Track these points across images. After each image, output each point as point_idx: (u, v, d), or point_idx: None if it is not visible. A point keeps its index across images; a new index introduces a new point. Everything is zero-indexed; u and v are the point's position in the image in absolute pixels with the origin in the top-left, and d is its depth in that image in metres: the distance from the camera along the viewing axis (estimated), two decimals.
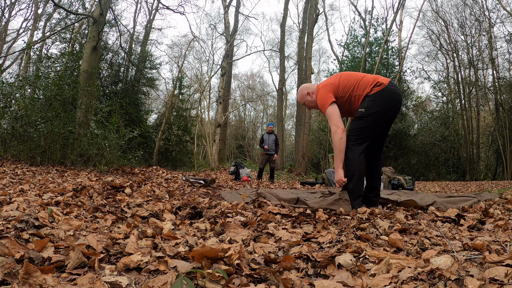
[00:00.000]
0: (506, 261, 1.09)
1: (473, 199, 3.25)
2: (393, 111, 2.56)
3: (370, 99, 2.47)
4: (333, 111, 2.51)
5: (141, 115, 16.16)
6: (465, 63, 23.25)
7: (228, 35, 16.43)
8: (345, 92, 2.55)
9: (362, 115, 2.48)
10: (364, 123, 2.48)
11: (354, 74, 2.61)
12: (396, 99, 2.53)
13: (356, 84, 2.55)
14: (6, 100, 7.03)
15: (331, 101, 2.52)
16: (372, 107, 2.46)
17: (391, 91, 2.50)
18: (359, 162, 2.46)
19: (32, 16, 19.23)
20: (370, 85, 2.51)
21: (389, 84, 2.51)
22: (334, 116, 2.50)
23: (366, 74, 2.61)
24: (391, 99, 2.50)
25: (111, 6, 10.80)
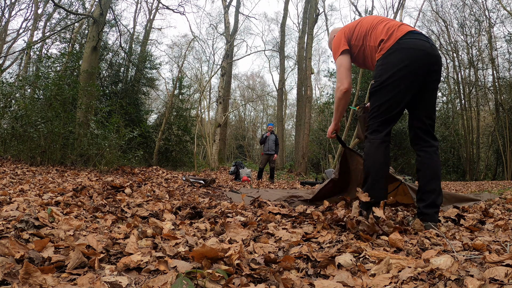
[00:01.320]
0: (506, 261, 1.09)
1: (472, 201, 3.25)
2: (420, 72, 1.86)
3: (378, 63, 1.94)
4: (341, 63, 2.11)
5: (141, 115, 16.16)
6: (465, 63, 23.26)
7: (228, 35, 16.44)
8: (359, 40, 2.07)
9: (374, 89, 1.94)
10: (378, 100, 1.92)
11: (372, 18, 2.09)
12: (420, 56, 1.85)
13: (370, 31, 2.03)
14: (6, 100, 7.02)
15: (343, 49, 2.10)
16: (383, 74, 1.89)
17: (408, 46, 1.86)
18: (376, 157, 1.90)
19: (32, 16, 19.24)
20: (380, 38, 1.96)
21: (404, 37, 1.88)
22: (341, 70, 2.10)
23: (388, 20, 2.04)
24: (410, 56, 1.85)
25: (111, 6, 10.80)
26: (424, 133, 1.96)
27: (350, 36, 2.11)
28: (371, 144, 1.92)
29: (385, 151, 1.91)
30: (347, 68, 2.10)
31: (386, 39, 1.92)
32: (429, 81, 1.92)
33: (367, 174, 1.92)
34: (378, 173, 1.89)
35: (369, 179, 1.90)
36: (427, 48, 1.87)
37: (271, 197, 3.40)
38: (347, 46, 2.11)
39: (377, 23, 2.03)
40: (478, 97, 22.80)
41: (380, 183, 1.90)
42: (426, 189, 1.88)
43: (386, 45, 1.91)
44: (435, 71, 1.91)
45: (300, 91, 18.12)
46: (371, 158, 1.91)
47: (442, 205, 2.49)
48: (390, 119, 1.93)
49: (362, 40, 2.06)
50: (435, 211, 1.83)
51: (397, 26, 1.96)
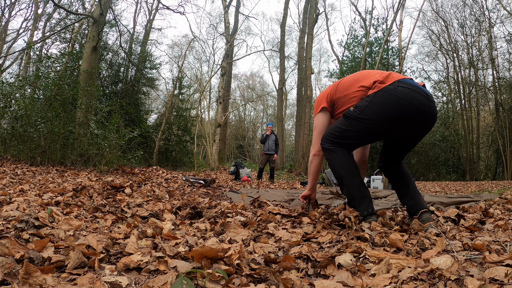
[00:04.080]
0: (506, 261, 1.09)
1: (471, 201, 3.25)
2: (403, 124, 1.77)
3: (366, 99, 1.82)
4: (316, 125, 2.05)
5: (141, 115, 16.17)
6: (465, 63, 23.26)
7: (228, 35, 16.44)
8: (345, 90, 1.96)
9: (349, 114, 1.86)
10: (348, 126, 1.86)
11: (367, 71, 1.99)
12: (406, 109, 1.72)
13: (362, 78, 1.93)
14: (6, 100, 7.02)
15: (322, 106, 2.04)
16: (364, 111, 1.80)
17: (396, 95, 1.74)
18: (343, 161, 1.88)
19: (32, 16, 19.24)
20: (375, 79, 1.87)
21: (395, 85, 1.77)
22: (314, 133, 2.05)
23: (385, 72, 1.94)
24: (394, 107, 1.73)
25: (111, 6, 10.80)
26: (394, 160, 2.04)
27: (333, 92, 2.03)
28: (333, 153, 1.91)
29: (347, 154, 1.91)
30: (320, 132, 2.02)
31: (381, 80, 1.84)
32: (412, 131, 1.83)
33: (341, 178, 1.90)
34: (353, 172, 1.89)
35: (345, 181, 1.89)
36: (423, 104, 1.74)
37: (271, 197, 3.40)
38: (327, 104, 2.04)
39: (371, 72, 1.96)
40: (478, 97, 22.81)
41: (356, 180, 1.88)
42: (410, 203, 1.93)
43: (382, 84, 1.81)
44: (427, 127, 1.82)
45: (300, 91, 18.13)
46: (339, 163, 1.90)
47: (443, 208, 2.49)
48: (347, 146, 1.92)
49: (345, 90, 1.96)
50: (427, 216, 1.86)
51: (394, 72, 1.90)
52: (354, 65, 20.35)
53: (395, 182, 2.00)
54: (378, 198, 3.74)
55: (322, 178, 7.95)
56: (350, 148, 1.94)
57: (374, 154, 18.92)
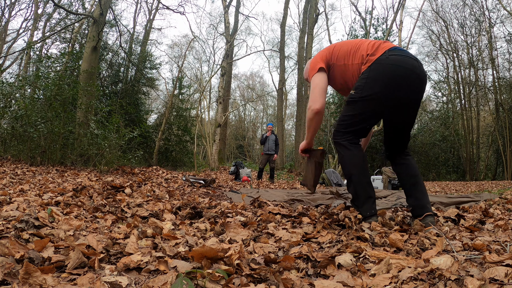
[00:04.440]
0: (506, 261, 1.09)
1: (471, 201, 3.25)
2: (401, 91, 1.81)
3: (362, 76, 1.86)
4: (317, 83, 1.98)
5: (141, 115, 16.17)
6: (465, 63, 23.27)
7: (228, 35, 16.44)
8: (340, 59, 1.98)
9: (352, 98, 1.88)
10: (354, 110, 1.88)
11: (357, 40, 2.00)
12: (402, 74, 1.79)
13: (354, 49, 1.94)
14: (6, 100, 7.02)
15: (320, 66, 1.99)
16: (364, 88, 1.83)
17: (390, 64, 1.80)
18: (354, 158, 1.88)
19: (32, 16, 19.24)
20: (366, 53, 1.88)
21: (386, 54, 1.82)
22: (316, 90, 1.97)
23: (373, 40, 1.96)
24: (391, 75, 1.79)
25: (111, 6, 10.80)
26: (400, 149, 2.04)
27: (329, 56, 2.02)
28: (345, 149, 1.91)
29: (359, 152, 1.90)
30: (323, 88, 1.97)
31: (372, 53, 1.87)
32: (411, 98, 1.88)
33: (349, 175, 1.89)
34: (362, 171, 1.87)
35: (353, 178, 1.87)
36: (415, 67, 1.83)
37: (271, 197, 3.40)
38: (325, 65, 2.01)
39: (362, 43, 1.97)
40: (478, 97, 22.81)
41: (364, 179, 1.87)
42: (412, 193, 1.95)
43: (373, 57, 1.85)
44: (414, 88, 1.86)
45: (300, 91, 18.12)
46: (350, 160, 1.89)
47: (443, 208, 2.49)
48: (361, 130, 1.92)
49: (343, 59, 1.97)
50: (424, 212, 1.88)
51: (382, 42, 1.92)
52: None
53: (403, 178, 1.99)
54: (378, 198, 3.74)
55: (322, 178, 7.95)
56: (362, 134, 1.94)
57: (374, 154, 18.93)
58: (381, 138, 18.21)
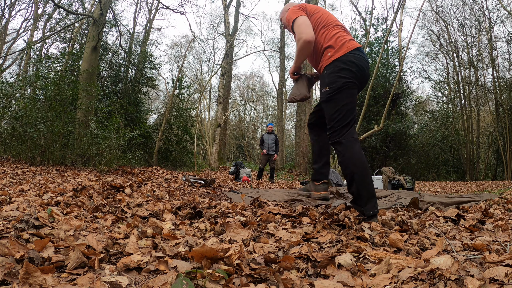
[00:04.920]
0: (506, 261, 1.09)
1: (471, 201, 3.25)
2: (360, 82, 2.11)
3: (330, 71, 2.06)
4: (302, 21, 2.12)
5: (141, 115, 16.17)
6: (465, 63, 23.27)
7: (228, 35, 16.43)
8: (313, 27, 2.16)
9: (329, 96, 2.04)
10: (338, 103, 2.02)
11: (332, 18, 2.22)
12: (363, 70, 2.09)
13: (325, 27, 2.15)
14: (6, 100, 7.02)
15: (302, 14, 2.17)
16: (337, 80, 2.02)
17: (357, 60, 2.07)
18: (355, 157, 1.94)
19: (32, 16, 19.24)
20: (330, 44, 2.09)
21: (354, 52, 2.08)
22: (302, 26, 2.10)
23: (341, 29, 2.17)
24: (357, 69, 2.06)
25: (111, 6, 10.80)
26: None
27: (309, 16, 2.20)
28: (345, 147, 1.98)
29: (360, 150, 1.98)
30: (309, 25, 2.12)
31: (337, 48, 2.07)
32: (362, 87, 2.17)
33: (351, 175, 1.94)
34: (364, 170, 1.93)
35: (356, 177, 1.92)
36: (366, 67, 2.11)
37: (271, 197, 3.40)
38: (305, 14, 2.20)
39: (333, 26, 2.16)
40: (478, 97, 22.82)
41: (366, 178, 1.93)
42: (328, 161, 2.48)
43: (338, 54, 2.05)
44: (366, 80, 2.17)
45: None
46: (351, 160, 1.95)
47: (443, 208, 2.50)
48: (353, 118, 2.04)
49: (315, 29, 2.16)
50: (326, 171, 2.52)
51: (348, 40, 2.11)
52: None
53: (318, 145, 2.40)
54: (378, 198, 3.74)
55: None
56: (355, 125, 2.09)
57: (374, 154, 18.93)
58: (381, 138, 18.21)
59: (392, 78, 19.58)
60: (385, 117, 12.14)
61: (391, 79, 19.65)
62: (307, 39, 2.07)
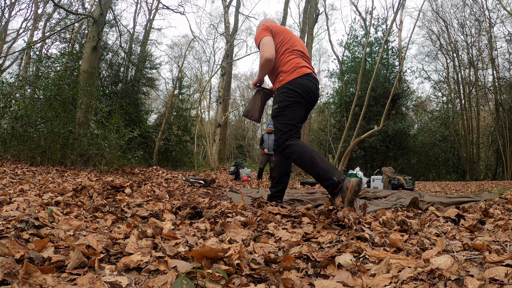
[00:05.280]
0: (506, 261, 1.09)
1: (471, 201, 3.25)
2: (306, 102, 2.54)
3: (281, 91, 2.50)
4: (267, 41, 2.50)
5: (141, 115, 16.17)
6: (465, 63, 23.27)
7: (228, 35, 16.43)
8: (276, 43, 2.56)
9: (278, 110, 2.52)
10: (285, 118, 2.49)
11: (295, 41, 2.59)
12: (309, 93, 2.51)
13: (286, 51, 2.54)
14: (6, 100, 7.01)
15: (267, 34, 2.55)
16: (286, 100, 2.48)
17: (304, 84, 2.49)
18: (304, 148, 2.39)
19: (32, 16, 19.24)
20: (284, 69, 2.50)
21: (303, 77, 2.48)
22: (266, 45, 2.49)
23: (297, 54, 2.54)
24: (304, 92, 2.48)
25: (111, 6, 10.80)
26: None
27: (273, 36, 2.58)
28: (293, 145, 2.41)
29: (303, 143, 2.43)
30: (272, 45, 2.51)
31: (288, 73, 2.48)
32: (311, 107, 2.62)
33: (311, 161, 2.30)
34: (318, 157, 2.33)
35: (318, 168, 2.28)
36: (314, 88, 2.52)
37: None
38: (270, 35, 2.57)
39: (292, 51, 2.54)
40: (478, 97, 22.82)
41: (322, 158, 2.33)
42: None
43: (288, 78, 2.47)
44: (315, 102, 2.62)
45: None
46: (302, 153, 2.35)
47: (443, 208, 2.50)
48: (297, 129, 2.51)
49: (277, 49, 2.55)
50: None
51: (300, 66, 2.49)
52: (354, 65, 20.35)
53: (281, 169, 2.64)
54: (378, 198, 3.74)
55: None
56: (298, 132, 2.52)
57: (374, 154, 18.92)
58: (381, 138, 18.21)
59: (392, 78, 19.58)
60: (385, 117, 12.15)
61: (391, 79, 19.65)
62: (268, 57, 2.46)
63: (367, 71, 18.41)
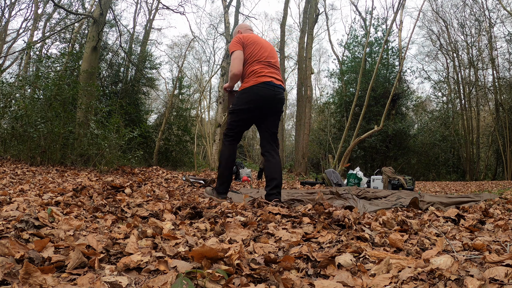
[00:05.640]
0: (506, 261, 1.09)
1: (471, 201, 3.25)
2: (262, 108, 2.82)
3: (238, 95, 2.84)
4: (237, 56, 2.82)
5: (141, 115, 16.17)
6: (465, 63, 23.27)
7: (228, 35, 16.42)
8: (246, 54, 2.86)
9: (231, 110, 2.87)
10: (232, 118, 2.88)
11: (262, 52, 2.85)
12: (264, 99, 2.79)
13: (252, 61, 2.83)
14: (6, 100, 7.01)
15: (238, 48, 2.85)
16: (238, 104, 2.82)
17: (259, 92, 2.77)
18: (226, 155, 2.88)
19: (32, 16, 19.24)
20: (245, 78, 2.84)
21: (258, 85, 2.76)
22: (236, 61, 2.81)
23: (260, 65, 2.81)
24: (257, 99, 2.78)
25: (111, 6, 10.79)
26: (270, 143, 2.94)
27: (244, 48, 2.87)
28: (225, 146, 2.91)
29: (233, 148, 2.93)
30: (241, 59, 2.82)
31: (247, 81, 2.81)
32: (272, 111, 2.88)
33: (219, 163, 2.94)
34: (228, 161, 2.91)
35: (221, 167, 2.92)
36: (271, 95, 2.79)
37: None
38: (241, 48, 2.87)
39: (258, 61, 2.83)
40: (478, 97, 22.81)
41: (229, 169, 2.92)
42: (271, 177, 2.80)
43: (247, 84, 2.80)
44: (276, 106, 2.86)
45: (300, 91, 18.11)
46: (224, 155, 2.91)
47: (443, 208, 2.50)
48: (240, 131, 2.93)
49: (247, 59, 2.84)
50: (277, 191, 2.78)
51: (259, 75, 2.78)
52: (354, 65, 20.35)
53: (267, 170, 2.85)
54: (378, 198, 3.74)
55: (322, 178, 7.95)
56: (239, 135, 2.94)
57: (374, 154, 18.92)
58: (381, 138, 18.21)
59: (392, 78, 19.58)
60: (385, 117, 12.15)
61: (391, 79, 19.65)
62: (235, 73, 2.81)
63: (367, 71, 18.42)
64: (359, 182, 6.96)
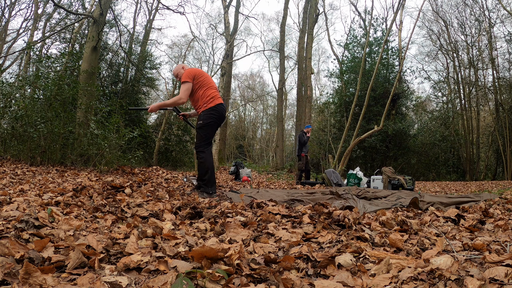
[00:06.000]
0: (506, 261, 1.09)
1: (471, 201, 3.25)
2: (219, 123, 3.74)
3: (205, 112, 3.60)
4: (187, 87, 3.60)
5: (141, 115, 16.16)
6: (465, 63, 23.26)
7: (228, 35, 16.43)
8: (195, 85, 3.66)
9: (201, 125, 3.60)
10: (205, 132, 3.61)
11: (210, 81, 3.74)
12: (222, 116, 3.71)
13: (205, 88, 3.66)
14: (6, 100, 7.01)
15: (189, 81, 3.62)
16: (207, 119, 3.60)
17: (220, 110, 3.66)
18: (210, 161, 3.61)
19: (32, 16, 19.23)
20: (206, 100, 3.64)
21: (218, 105, 3.65)
22: (185, 92, 3.59)
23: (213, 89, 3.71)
24: (219, 115, 3.67)
25: (111, 6, 10.79)
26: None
27: (195, 79, 3.67)
28: (205, 154, 3.60)
29: (211, 153, 3.65)
30: (189, 90, 3.62)
31: (209, 103, 3.63)
32: (221, 124, 3.77)
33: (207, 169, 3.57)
34: (213, 168, 3.65)
35: (209, 172, 3.58)
36: (224, 112, 3.71)
37: (271, 197, 3.40)
38: (191, 81, 3.65)
39: (210, 87, 3.70)
40: (478, 97, 22.81)
41: (214, 173, 3.65)
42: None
43: (210, 105, 3.62)
44: (223, 120, 3.78)
45: (300, 91, 18.12)
46: (208, 161, 3.60)
47: (443, 208, 2.49)
48: (210, 141, 3.66)
49: (199, 87, 3.66)
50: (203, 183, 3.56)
51: (216, 98, 3.67)
52: (353, 65, 20.35)
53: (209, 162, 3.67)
54: (378, 198, 3.74)
55: (322, 178, 7.94)
56: (211, 142, 3.66)
57: (374, 154, 18.92)
58: (381, 138, 18.21)
59: (392, 78, 19.58)
60: (385, 117, 12.15)
61: (391, 79, 19.64)
62: (183, 101, 3.63)
63: (367, 71, 18.42)
64: (359, 182, 6.96)
